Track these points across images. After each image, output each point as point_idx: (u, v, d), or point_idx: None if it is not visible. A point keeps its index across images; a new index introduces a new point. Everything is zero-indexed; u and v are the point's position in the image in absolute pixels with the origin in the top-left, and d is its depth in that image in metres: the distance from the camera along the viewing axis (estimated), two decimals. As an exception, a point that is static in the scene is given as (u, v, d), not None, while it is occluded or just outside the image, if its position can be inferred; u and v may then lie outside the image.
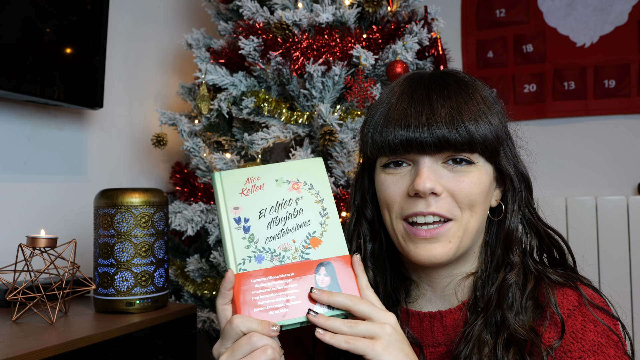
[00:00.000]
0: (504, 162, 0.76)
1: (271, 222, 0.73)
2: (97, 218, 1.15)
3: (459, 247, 0.74)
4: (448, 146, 0.70)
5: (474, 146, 0.71)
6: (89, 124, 1.63)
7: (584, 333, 0.70)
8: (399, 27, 1.55)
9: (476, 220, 0.74)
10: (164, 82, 1.94)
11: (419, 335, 0.79)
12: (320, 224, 0.74)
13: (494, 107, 0.74)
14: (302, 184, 0.76)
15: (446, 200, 0.72)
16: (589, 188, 2.21)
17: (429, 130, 0.70)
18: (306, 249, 0.73)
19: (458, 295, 0.78)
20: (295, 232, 0.73)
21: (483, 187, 0.73)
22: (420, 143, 0.70)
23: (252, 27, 1.53)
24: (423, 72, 0.79)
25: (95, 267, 1.15)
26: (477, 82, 0.77)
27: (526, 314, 0.72)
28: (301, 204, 0.75)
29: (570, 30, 2.27)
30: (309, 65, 1.43)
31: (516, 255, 0.75)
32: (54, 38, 1.38)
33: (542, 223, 0.79)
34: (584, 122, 2.25)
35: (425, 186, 0.70)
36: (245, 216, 0.73)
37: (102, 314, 1.13)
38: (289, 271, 0.70)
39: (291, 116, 1.49)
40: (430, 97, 0.72)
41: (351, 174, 1.44)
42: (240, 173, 0.76)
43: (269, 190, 0.75)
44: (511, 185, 0.76)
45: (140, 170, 1.82)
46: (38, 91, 1.33)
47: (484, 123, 0.71)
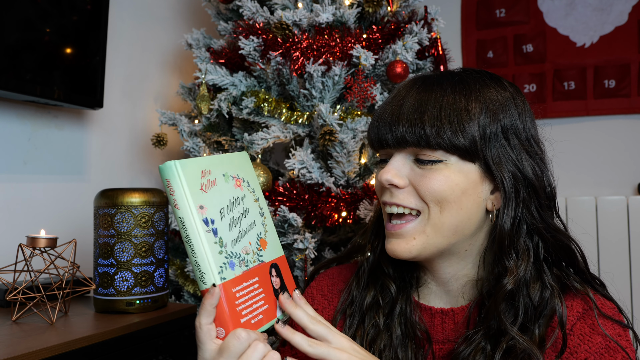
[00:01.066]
0: (494, 163, 0.73)
1: (231, 223, 0.68)
2: (97, 218, 1.15)
3: (427, 244, 0.75)
4: (406, 144, 0.73)
5: (432, 145, 0.72)
6: (89, 124, 1.63)
7: (592, 336, 0.70)
8: (399, 27, 1.55)
9: (450, 218, 0.73)
10: (164, 82, 1.94)
11: (430, 331, 0.80)
12: (262, 225, 0.73)
13: (489, 108, 0.73)
14: (242, 181, 0.72)
15: (410, 192, 0.75)
16: (589, 188, 2.21)
17: (391, 128, 0.74)
18: (259, 251, 0.71)
19: (464, 295, 0.79)
20: (249, 234, 0.71)
21: (453, 185, 0.73)
22: (386, 140, 0.75)
23: (252, 27, 1.53)
24: (436, 72, 0.80)
25: (95, 267, 1.15)
26: (483, 81, 0.76)
27: (534, 323, 0.71)
28: (246, 203, 0.72)
29: (570, 30, 2.27)
30: (309, 65, 1.43)
31: (511, 261, 0.73)
32: (54, 38, 1.38)
33: (551, 228, 0.76)
34: (584, 122, 2.25)
35: (382, 177, 0.75)
36: (210, 217, 0.66)
37: (102, 314, 1.13)
38: (254, 275, 0.69)
39: (291, 116, 1.49)
40: (406, 97, 0.75)
41: (351, 174, 1.44)
42: (195, 164, 0.66)
43: (221, 186, 0.69)
44: (502, 187, 0.74)
45: (140, 170, 1.82)
46: (38, 91, 1.33)
47: (449, 123, 0.71)
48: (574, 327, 0.71)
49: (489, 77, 0.78)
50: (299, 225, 1.38)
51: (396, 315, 0.80)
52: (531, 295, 0.72)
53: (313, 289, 0.92)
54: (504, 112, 0.75)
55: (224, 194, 0.68)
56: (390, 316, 0.81)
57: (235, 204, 0.70)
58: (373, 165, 1.50)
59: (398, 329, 0.79)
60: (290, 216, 1.36)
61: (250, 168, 0.75)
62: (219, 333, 0.64)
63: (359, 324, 0.82)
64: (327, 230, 1.56)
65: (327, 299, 0.90)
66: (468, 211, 0.74)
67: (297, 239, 1.38)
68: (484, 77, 0.77)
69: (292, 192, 1.44)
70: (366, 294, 0.83)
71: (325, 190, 1.42)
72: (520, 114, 0.76)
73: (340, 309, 0.85)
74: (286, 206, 1.40)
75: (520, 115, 0.76)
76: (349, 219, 1.41)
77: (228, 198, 0.69)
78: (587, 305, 0.73)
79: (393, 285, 0.83)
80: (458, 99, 0.73)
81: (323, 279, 0.93)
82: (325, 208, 1.40)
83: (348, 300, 0.85)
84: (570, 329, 0.71)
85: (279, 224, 1.39)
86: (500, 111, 0.74)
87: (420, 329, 0.79)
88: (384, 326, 0.80)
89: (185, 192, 0.64)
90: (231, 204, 0.69)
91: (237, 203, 0.70)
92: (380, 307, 0.82)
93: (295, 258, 1.40)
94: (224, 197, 0.68)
